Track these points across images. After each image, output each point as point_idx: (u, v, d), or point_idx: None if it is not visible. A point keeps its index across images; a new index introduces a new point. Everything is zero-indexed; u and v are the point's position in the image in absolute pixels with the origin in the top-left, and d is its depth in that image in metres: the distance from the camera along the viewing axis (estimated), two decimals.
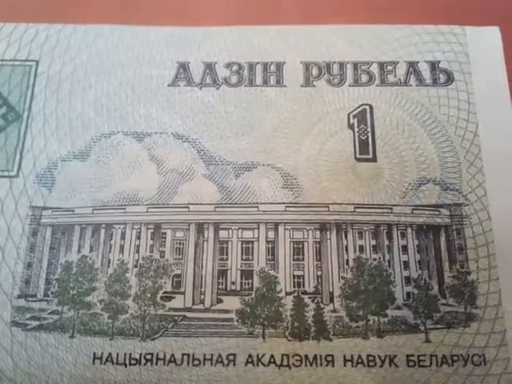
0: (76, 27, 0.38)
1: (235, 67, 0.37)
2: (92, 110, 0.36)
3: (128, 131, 0.36)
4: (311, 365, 0.31)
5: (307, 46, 0.38)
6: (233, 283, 0.32)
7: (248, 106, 0.36)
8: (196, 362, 0.31)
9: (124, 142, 0.35)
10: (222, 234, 0.34)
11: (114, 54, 0.38)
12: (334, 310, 0.32)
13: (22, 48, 0.38)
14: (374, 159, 0.35)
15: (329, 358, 0.31)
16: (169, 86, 0.37)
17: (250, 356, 0.31)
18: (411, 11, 0.39)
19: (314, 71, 0.37)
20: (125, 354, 0.31)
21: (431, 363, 0.31)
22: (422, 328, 0.31)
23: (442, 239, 0.33)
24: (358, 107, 0.36)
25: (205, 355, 0.31)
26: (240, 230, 0.34)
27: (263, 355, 0.31)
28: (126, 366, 0.30)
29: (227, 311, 0.32)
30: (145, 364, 0.30)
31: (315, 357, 0.31)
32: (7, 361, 0.31)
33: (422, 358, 0.31)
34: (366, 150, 0.35)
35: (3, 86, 0.37)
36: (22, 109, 0.36)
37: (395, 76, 0.37)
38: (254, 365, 0.31)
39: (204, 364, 0.31)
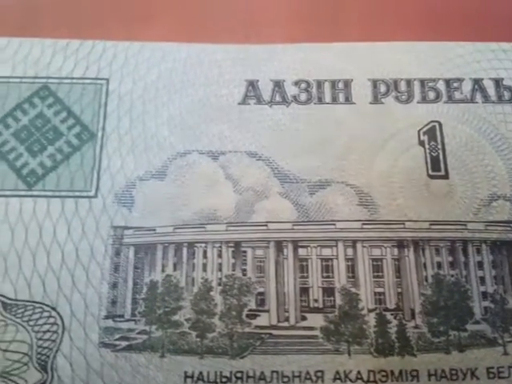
0: (143, 45, 0.39)
1: (303, 85, 0.38)
2: (166, 129, 0.36)
3: (202, 150, 0.36)
4: (397, 380, 0.31)
5: (373, 63, 0.38)
6: (315, 301, 0.33)
7: (318, 123, 0.37)
8: (285, 380, 0.31)
9: (199, 161, 0.36)
10: (301, 251, 0.34)
11: (183, 73, 0.38)
12: (416, 326, 0.33)
13: (90, 66, 0.38)
14: (446, 176, 0.35)
15: (414, 373, 0.32)
16: (239, 104, 0.37)
17: (337, 372, 0.32)
18: (472, 28, 0.40)
19: (382, 88, 0.38)
20: (215, 373, 0.31)
21: (509, 375, 0.32)
22: (500, 341, 0.32)
23: None
24: (428, 124, 0.37)
25: (293, 372, 0.32)
26: (319, 248, 0.34)
27: (350, 371, 0.32)
28: None
29: (312, 328, 0.32)
30: (235, 382, 0.31)
31: (400, 372, 0.32)
32: (98, 383, 0.31)
33: (501, 369, 0.32)
34: (437, 166, 0.36)
35: (75, 105, 0.37)
36: (96, 128, 0.36)
37: (461, 93, 0.37)
38: (341, 381, 0.31)
39: (293, 381, 0.31)
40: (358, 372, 0.31)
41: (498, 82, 0.38)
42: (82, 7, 0.40)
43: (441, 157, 0.36)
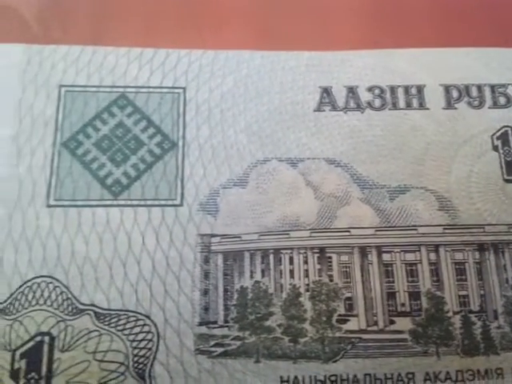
0: (217, 53, 0.39)
1: (377, 91, 0.38)
2: (245, 137, 0.37)
3: (282, 157, 0.37)
4: (483, 378, 0.32)
5: (445, 68, 0.39)
6: (402, 305, 0.34)
7: (394, 129, 0.37)
8: (378, 382, 0.32)
9: (279, 168, 0.36)
10: (385, 256, 0.35)
11: (258, 80, 0.38)
12: (499, 327, 0.33)
13: (166, 75, 0.38)
14: None
15: (498, 371, 0.32)
16: (314, 111, 0.38)
17: (427, 374, 0.32)
18: None
19: (454, 94, 0.38)
20: (310, 377, 0.32)
21: None
22: None
23: None
24: (500, 129, 0.37)
25: (385, 375, 0.32)
26: (402, 253, 0.35)
27: (439, 372, 0.32)
28: None
29: (400, 332, 0.33)
30: None
31: (486, 371, 0.32)
32: None
33: None
34: None
35: (154, 114, 0.37)
36: (177, 137, 0.37)
37: None
38: (431, 382, 0.32)
39: (386, 383, 0.32)
40: (447, 372, 0.32)
41: None
42: (152, 15, 0.40)
43: None
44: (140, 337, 0.32)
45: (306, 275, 0.34)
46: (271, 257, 0.35)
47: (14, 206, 0.34)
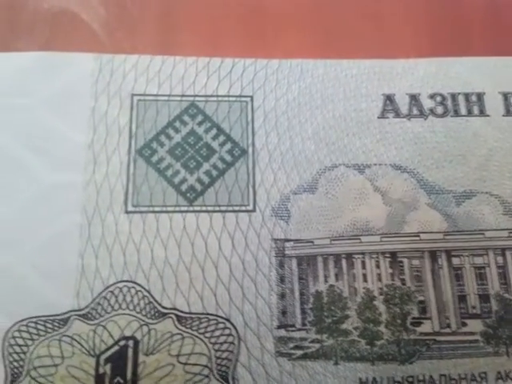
0: (281, 62, 0.40)
1: (439, 98, 0.39)
2: (312, 144, 0.38)
3: (349, 163, 0.38)
4: None
5: (502, 76, 0.40)
6: (473, 307, 0.35)
7: (456, 135, 0.38)
8: (453, 382, 0.33)
9: (347, 174, 0.37)
10: (455, 260, 0.36)
11: (322, 88, 0.39)
12: None
13: (233, 83, 0.39)
14: None
15: None
16: (379, 118, 0.39)
17: (498, 373, 0.33)
18: None
19: None
20: (387, 378, 0.33)
21: None
22: None
23: None
24: None
25: (459, 375, 0.33)
26: (471, 257, 0.36)
27: (510, 371, 0.33)
28: None
29: (472, 333, 0.34)
30: None
31: None
32: None
33: None
34: None
35: (224, 123, 0.38)
36: (246, 144, 0.38)
37: None
38: (503, 380, 0.33)
39: (460, 383, 0.33)
40: None
41: None
42: (217, 24, 0.41)
43: None
44: (221, 339, 0.33)
45: (379, 279, 0.35)
46: (344, 261, 0.35)
47: (92, 212, 0.35)
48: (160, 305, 0.34)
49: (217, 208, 0.36)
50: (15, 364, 0.32)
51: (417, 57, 0.41)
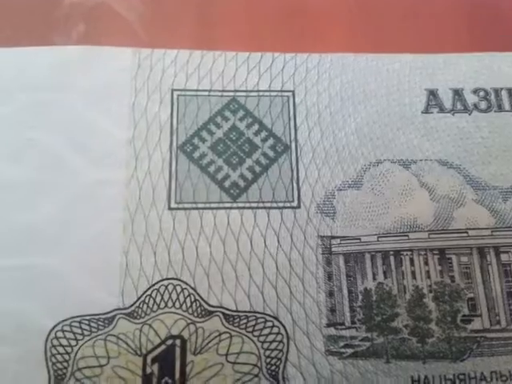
0: (321, 56, 0.39)
1: (482, 93, 0.39)
2: (356, 139, 0.37)
3: (394, 159, 0.37)
4: None
5: None
6: None
7: (501, 131, 0.38)
8: (504, 378, 0.33)
9: (392, 170, 0.37)
10: (503, 257, 0.35)
11: (364, 83, 0.39)
12: None
13: (274, 78, 0.38)
14: None
15: None
16: (422, 112, 0.38)
17: None
18: None
19: None
20: (439, 376, 0.32)
21: None
22: None
23: None
24: None
25: (510, 371, 0.33)
26: None
27: None
28: None
29: None
30: None
31: None
32: None
33: None
34: None
35: (265, 118, 0.38)
36: (289, 140, 0.37)
37: None
38: None
39: (511, 379, 0.32)
40: None
41: None
42: (255, 19, 0.40)
43: None
44: (270, 338, 0.33)
45: (428, 276, 0.34)
46: (392, 258, 0.35)
47: (135, 209, 0.35)
48: (206, 303, 0.33)
49: (261, 204, 0.35)
50: (59, 365, 0.32)
51: (459, 51, 0.40)
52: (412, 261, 0.35)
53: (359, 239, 0.35)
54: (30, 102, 0.36)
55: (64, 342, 0.32)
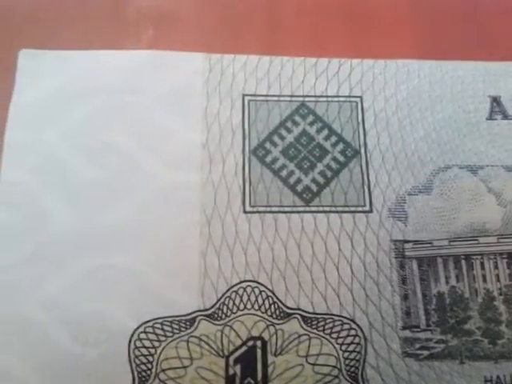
0: (386, 63, 0.40)
1: None
2: (425, 144, 0.38)
3: (462, 164, 0.38)
4: None
5: None
6: None
7: None
8: None
9: (461, 175, 0.37)
10: None
11: (430, 90, 0.39)
12: None
13: (341, 84, 0.39)
14: None
15: None
16: (487, 119, 0.39)
17: None
18: None
19: None
20: (510, 375, 0.33)
21: None
22: None
23: None
24: None
25: None
26: None
27: None
28: None
29: None
30: None
31: None
32: None
33: None
34: None
35: (335, 123, 0.38)
36: (358, 145, 0.38)
37: None
38: None
39: None
40: None
41: None
42: (320, 25, 0.41)
43: None
44: (348, 340, 0.33)
45: (498, 280, 0.35)
46: (463, 262, 0.36)
47: (211, 211, 0.35)
48: (284, 305, 0.34)
49: (333, 208, 0.36)
50: (143, 367, 0.32)
51: None
52: (482, 265, 0.36)
53: (431, 243, 0.36)
54: (105, 105, 0.37)
55: (147, 343, 0.32)
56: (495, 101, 0.39)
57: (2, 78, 0.37)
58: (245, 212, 0.35)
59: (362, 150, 0.37)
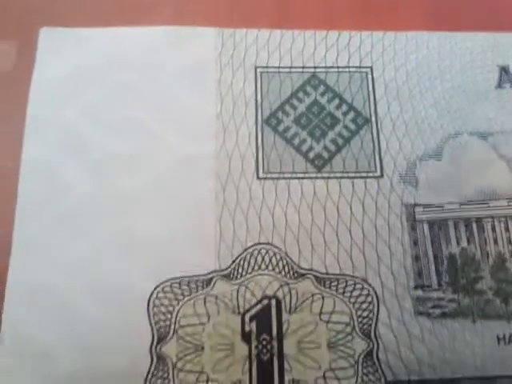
0: (396, 34, 0.41)
1: None
2: (435, 112, 0.39)
3: (472, 131, 0.38)
4: None
5: None
6: None
7: None
8: None
9: (471, 142, 0.38)
10: None
11: (439, 60, 0.40)
12: None
13: (352, 55, 0.40)
14: None
15: None
16: (496, 88, 0.40)
17: None
18: None
19: None
20: None
21: None
22: None
23: None
24: None
25: None
26: None
27: None
28: None
29: None
30: None
31: None
32: (421, 348, 0.33)
33: None
34: None
35: (345, 93, 0.39)
36: (369, 113, 0.39)
37: None
38: None
39: None
40: None
41: None
42: None
43: None
44: (361, 299, 0.34)
45: (509, 242, 0.36)
46: (474, 225, 0.36)
47: (225, 179, 0.36)
48: (298, 266, 0.35)
49: (345, 174, 0.37)
50: (162, 324, 0.33)
51: None
52: (493, 227, 0.36)
53: (442, 207, 0.36)
54: (123, 80, 0.38)
55: (166, 302, 0.34)
56: (504, 70, 0.40)
57: (23, 55, 0.39)
58: (258, 178, 0.36)
59: (373, 119, 0.38)
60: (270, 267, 0.35)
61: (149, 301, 0.34)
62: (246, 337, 0.33)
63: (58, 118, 0.37)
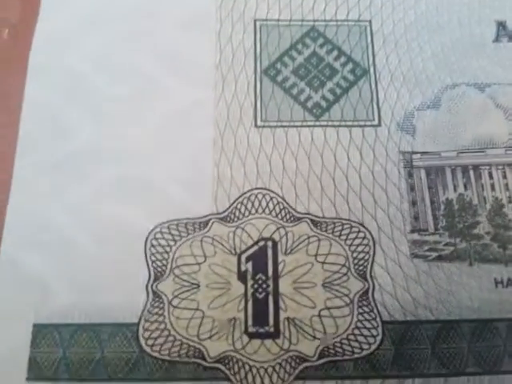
0: None
1: None
2: (432, 64, 0.39)
3: (469, 82, 0.38)
4: None
5: None
6: None
7: None
8: None
9: (468, 93, 0.38)
10: None
11: (437, 15, 0.41)
12: None
13: (351, 9, 0.40)
14: None
15: None
16: (493, 41, 0.40)
17: None
18: None
19: None
20: None
21: None
22: None
23: None
24: None
25: None
26: None
27: None
28: None
29: None
30: None
31: None
32: (418, 290, 0.33)
33: None
34: None
35: (344, 45, 0.39)
36: (367, 65, 0.39)
37: None
38: None
39: None
40: None
41: None
42: None
43: None
44: (357, 242, 0.34)
45: (507, 189, 0.36)
46: (471, 172, 0.36)
47: (224, 126, 0.37)
48: (294, 210, 0.35)
49: (343, 123, 0.37)
50: (158, 263, 0.34)
51: None
52: (491, 174, 0.36)
53: (439, 154, 0.36)
54: (125, 29, 0.39)
55: (163, 242, 0.34)
56: (501, 25, 0.40)
57: (26, 7, 0.40)
58: (256, 126, 0.37)
59: (371, 70, 0.39)
60: (267, 211, 0.35)
61: (146, 240, 0.34)
62: (241, 276, 0.33)
63: (60, 64, 0.38)
